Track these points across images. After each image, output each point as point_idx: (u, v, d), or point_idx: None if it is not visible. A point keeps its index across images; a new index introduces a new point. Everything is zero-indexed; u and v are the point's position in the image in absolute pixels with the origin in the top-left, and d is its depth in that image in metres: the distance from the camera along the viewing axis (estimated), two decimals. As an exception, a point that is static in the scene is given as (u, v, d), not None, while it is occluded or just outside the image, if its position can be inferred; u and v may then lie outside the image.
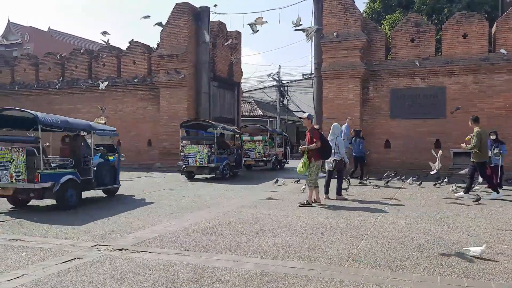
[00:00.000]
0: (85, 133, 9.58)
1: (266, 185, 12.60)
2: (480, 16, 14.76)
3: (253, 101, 38.56)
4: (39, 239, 5.79)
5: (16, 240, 5.78)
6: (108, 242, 5.59)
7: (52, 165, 8.33)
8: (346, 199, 9.35)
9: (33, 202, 8.80)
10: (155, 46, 19.27)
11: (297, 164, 8.83)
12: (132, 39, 19.55)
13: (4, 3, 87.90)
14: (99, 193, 10.09)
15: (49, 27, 46.63)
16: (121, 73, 19.46)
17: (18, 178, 7.80)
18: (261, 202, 9.23)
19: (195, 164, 13.75)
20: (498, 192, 9.58)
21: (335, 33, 15.20)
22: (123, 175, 13.21)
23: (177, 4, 17.86)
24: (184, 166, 13.98)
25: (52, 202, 8.51)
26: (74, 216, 7.53)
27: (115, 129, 10.64)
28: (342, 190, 9.72)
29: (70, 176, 8.31)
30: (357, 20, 15.24)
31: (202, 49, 18.18)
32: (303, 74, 41.46)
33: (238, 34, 21.86)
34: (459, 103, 14.05)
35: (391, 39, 15.80)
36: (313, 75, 17.48)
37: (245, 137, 18.78)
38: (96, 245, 5.48)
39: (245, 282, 4.07)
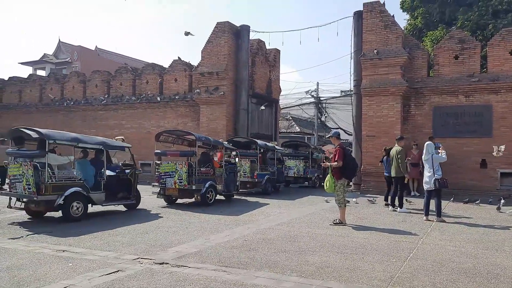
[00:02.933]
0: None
1: (304, 202, 12.50)
2: (528, 32, 14.24)
3: (290, 118, 38.62)
4: (84, 251, 6.00)
5: (63, 251, 6.01)
6: (150, 256, 5.72)
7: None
8: (444, 221, 8.84)
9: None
10: (196, 63, 19.77)
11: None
12: (179, 57, 20.03)
13: (55, 23, 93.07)
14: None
15: (96, 46, 48.83)
16: (163, 90, 20.04)
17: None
18: (300, 219, 9.17)
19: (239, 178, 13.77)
20: None
21: (375, 50, 15.07)
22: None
23: (218, 23, 18.31)
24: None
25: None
26: (113, 228, 7.74)
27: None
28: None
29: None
30: (398, 37, 15.06)
31: (242, 67, 18.47)
32: (341, 91, 41.20)
33: (276, 52, 22.10)
34: (508, 122, 13.52)
35: (433, 56, 15.49)
36: (352, 92, 17.34)
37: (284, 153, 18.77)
38: (138, 258, 5.62)
39: (284, 301, 4.05)
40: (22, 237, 6.92)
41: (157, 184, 11.33)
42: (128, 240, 6.76)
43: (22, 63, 49.30)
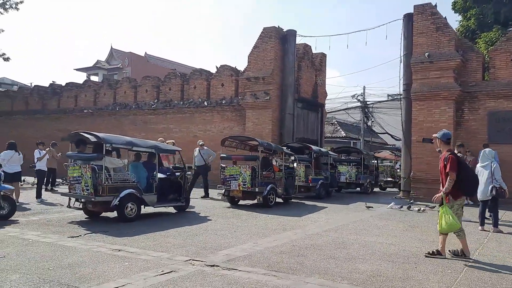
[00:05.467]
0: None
1: (352, 208, 12.31)
2: None
3: (336, 122, 38.14)
4: (138, 251, 6.22)
5: (119, 250, 6.26)
6: (201, 258, 5.84)
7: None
8: (502, 232, 8.41)
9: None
10: (242, 69, 20.00)
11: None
12: (228, 65, 20.41)
13: (108, 31, 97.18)
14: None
15: (145, 52, 50.52)
16: (210, 95, 20.42)
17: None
18: (347, 226, 9.05)
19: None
20: None
21: (426, 54, 14.63)
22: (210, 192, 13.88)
23: (264, 29, 18.45)
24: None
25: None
26: (164, 230, 7.96)
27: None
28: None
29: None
30: (450, 40, 14.55)
31: (288, 71, 18.49)
32: (388, 95, 40.23)
33: (323, 56, 21.95)
34: None
35: (489, 58, 14.83)
36: (401, 97, 16.91)
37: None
38: (189, 259, 5.76)
39: (336, 308, 4.02)
40: (80, 236, 7.27)
41: (222, 186, 12.02)
42: (179, 241, 6.94)
43: (77, 69, 51.94)
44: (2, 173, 9.17)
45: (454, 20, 29.21)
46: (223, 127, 19.80)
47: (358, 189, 18.67)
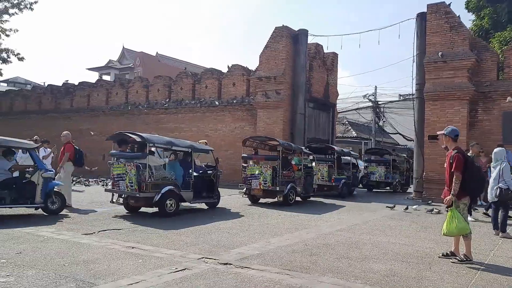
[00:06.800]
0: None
1: (369, 208, 12.25)
2: None
3: (347, 122, 37.95)
4: (152, 248, 6.26)
5: (133, 247, 6.31)
6: (214, 256, 5.86)
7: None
8: (510, 237, 8.05)
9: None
10: (253, 68, 20.00)
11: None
12: (239, 65, 20.45)
13: (120, 31, 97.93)
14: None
15: (156, 52, 50.76)
16: (221, 95, 20.46)
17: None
18: (360, 225, 9.00)
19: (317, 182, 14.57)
20: None
21: (440, 53, 14.49)
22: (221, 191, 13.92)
23: (276, 28, 18.42)
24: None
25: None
26: (181, 227, 8.00)
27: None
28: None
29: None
30: (465, 39, 14.39)
31: (299, 71, 18.44)
32: (400, 95, 39.95)
33: (334, 56, 21.87)
34: None
35: (503, 58, 14.63)
36: (414, 96, 16.77)
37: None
38: (202, 257, 5.78)
39: (351, 307, 4.01)
40: (94, 233, 7.33)
41: (243, 184, 12.38)
42: (191, 240, 6.97)
43: (89, 69, 52.40)
44: (54, 171, 9.56)
45: (468, 20, 28.76)
46: (234, 127, 19.82)
47: (388, 188, 19.69)
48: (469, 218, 9.73)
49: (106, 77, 46.23)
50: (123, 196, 9.70)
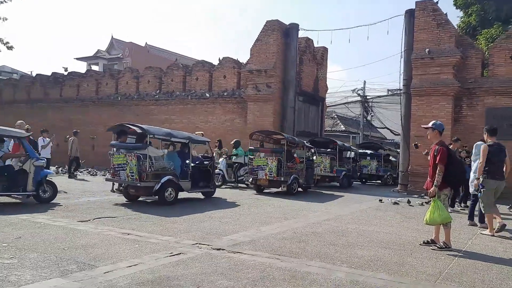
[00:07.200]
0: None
1: (362, 199, 12.63)
2: None
3: (335, 116, 38.36)
4: (147, 235, 6.50)
5: (128, 234, 6.54)
6: (207, 242, 6.13)
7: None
8: (476, 225, 8.42)
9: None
10: (244, 61, 20.19)
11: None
12: (230, 58, 20.62)
13: (109, 21, 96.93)
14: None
15: (146, 42, 50.50)
16: (212, 87, 20.63)
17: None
18: (347, 216, 9.35)
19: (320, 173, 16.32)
20: None
21: (427, 50, 14.86)
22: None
23: (267, 22, 18.60)
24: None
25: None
26: (175, 215, 8.24)
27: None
28: None
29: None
30: (451, 36, 14.78)
31: (290, 65, 18.69)
32: (388, 90, 40.42)
33: (324, 50, 22.15)
34: None
35: (488, 55, 15.06)
36: (401, 92, 17.16)
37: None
38: (196, 243, 6.05)
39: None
40: (89, 220, 7.54)
41: (250, 175, 13.39)
42: (185, 227, 7.23)
43: (77, 59, 51.85)
44: (45, 159, 9.74)
45: (456, 16, 29.29)
46: (225, 119, 20.04)
47: (379, 181, 20.78)
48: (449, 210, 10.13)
49: (95, 67, 45.90)
50: (123, 185, 10.07)
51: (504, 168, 7.83)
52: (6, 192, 8.91)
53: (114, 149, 10.31)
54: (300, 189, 14.03)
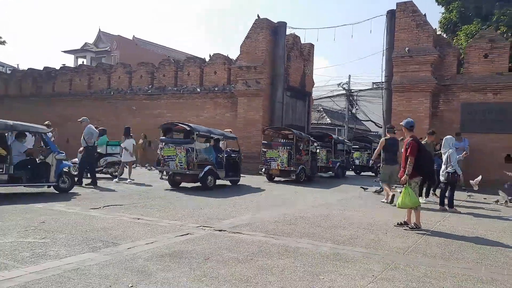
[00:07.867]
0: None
1: (340, 189, 13.62)
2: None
3: (321, 109, 39.42)
4: (155, 219, 7.34)
5: (138, 218, 7.37)
6: (209, 225, 7.00)
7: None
8: (459, 213, 9.38)
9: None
10: (234, 58, 20.96)
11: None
12: (221, 54, 21.33)
13: (96, 13, 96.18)
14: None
15: (133, 35, 50.63)
16: (203, 82, 21.37)
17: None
18: (333, 203, 10.31)
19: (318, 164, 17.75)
20: None
21: (406, 48, 15.85)
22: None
23: (256, 20, 19.39)
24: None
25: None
26: (214, 196, 9.09)
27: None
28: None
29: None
30: (429, 36, 15.78)
31: (278, 61, 19.53)
32: (373, 83, 41.50)
33: (311, 46, 23.02)
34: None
35: (464, 54, 16.11)
36: (383, 88, 18.16)
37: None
38: (200, 226, 6.91)
39: (322, 258, 5.23)
40: (100, 207, 8.34)
41: (263, 166, 15.35)
42: (187, 213, 8.08)
43: (64, 52, 51.80)
44: (64, 153, 10.35)
45: (438, 12, 30.36)
46: (215, 113, 20.83)
47: (370, 172, 22.14)
48: (422, 200, 11.10)
49: (82, 60, 46.04)
50: (169, 173, 12.07)
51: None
52: (30, 183, 9.71)
53: (163, 143, 12.12)
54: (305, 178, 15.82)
